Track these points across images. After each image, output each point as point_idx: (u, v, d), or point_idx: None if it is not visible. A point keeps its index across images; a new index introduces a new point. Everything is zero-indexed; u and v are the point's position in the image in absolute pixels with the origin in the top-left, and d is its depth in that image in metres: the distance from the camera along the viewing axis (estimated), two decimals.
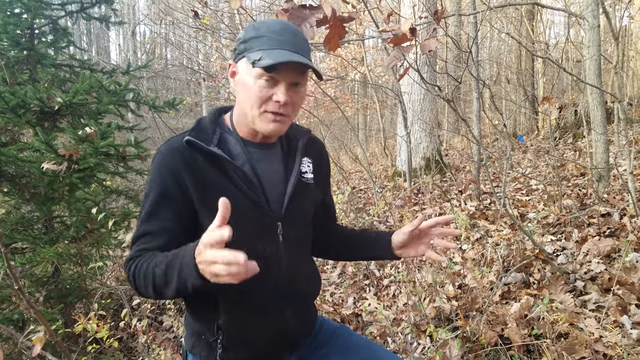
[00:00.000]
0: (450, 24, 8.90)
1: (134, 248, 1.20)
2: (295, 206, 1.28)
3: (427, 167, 6.92)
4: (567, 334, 2.32)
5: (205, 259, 0.93)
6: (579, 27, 9.49)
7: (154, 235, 1.18)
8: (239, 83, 1.20)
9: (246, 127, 1.25)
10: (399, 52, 1.60)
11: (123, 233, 3.84)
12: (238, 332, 1.23)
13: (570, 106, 8.46)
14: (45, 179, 3.22)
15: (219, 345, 1.23)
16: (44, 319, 1.90)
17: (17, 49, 3.77)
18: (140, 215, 1.21)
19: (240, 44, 1.18)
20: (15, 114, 3.30)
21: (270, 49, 1.12)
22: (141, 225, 1.20)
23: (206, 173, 1.18)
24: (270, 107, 1.17)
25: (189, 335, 1.31)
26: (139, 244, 1.19)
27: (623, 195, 3.80)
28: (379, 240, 1.44)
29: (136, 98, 4.08)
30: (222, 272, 0.91)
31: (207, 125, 1.25)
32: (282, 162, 1.31)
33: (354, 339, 1.45)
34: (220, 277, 0.93)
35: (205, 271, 0.95)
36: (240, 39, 1.18)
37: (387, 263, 3.98)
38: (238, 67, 1.20)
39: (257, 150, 1.27)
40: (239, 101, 1.22)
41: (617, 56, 3.68)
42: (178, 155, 1.18)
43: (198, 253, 0.96)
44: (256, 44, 1.14)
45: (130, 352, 3.70)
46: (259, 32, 1.15)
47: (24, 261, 3.03)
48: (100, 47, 23.60)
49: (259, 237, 1.22)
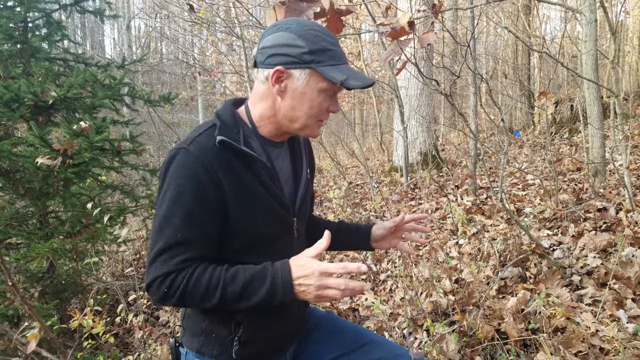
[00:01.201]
0: (447, 18, 8.88)
1: (170, 260, 1.11)
2: (305, 203, 1.35)
3: (424, 162, 6.91)
4: (564, 328, 2.33)
5: (322, 283, 1.07)
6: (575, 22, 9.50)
7: (194, 243, 1.14)
8: (292, 91, 1.18)
9: (276, 128, 1.25)
10: (396, 46, 1.59)
11: (119, 228, 3.82)
12: (256, 327, 1.25)
13: (566, 101, 8.47)
14: (39, 173, 3.19)
15: (235, 342, 1.23)
16: (38, 315, 1.89)
17: (11, 43, 3.74)
18: (165, 220, 1.13)
19: (303, 54, 1.14)
20: (9, 108, 3.27)
21: (341, 64, 1.17)
22: (175, 233, 1.12)
23: (239, 173, 1.17)
24: (324, 116, 1.22)
25: (193, 335, 1.29)
26: (177, 253, 1.12)
27: (619, 190, 3.80)
28: (359, 232, 1.52)
29: (131, 92, 4.05)
30: (336, 295, 1.07)
31: (231, 122, 1.22)
32: (289, 160, 1.34)
33: (342, 323, 1.52)
34: (327, 298, 1.09)
35: (308, 292, 1.09)
36: (301, 47, 1.14)
37: (384, 258, 3.98)
38: (294, 75, 1.16)
39: (273, 149, 1.28)
40: (286, 107, 1.20)
41: (614, 51, 3.68)
42: (212, 154, 1.14)
43: (303, 275, 1.09)
44: (326, 58, 1.15)
45: (127, 348, 3.69)
46: (323, 44, 1.16)
47: (19, 257, 3.01)
48: (95, 41, 23.46)
49: (281, 233, 1.28)
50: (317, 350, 1.43)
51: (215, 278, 1.11)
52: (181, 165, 1.13)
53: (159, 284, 1.11)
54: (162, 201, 1.14)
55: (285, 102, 1.19)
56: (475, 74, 4.12)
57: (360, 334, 1.47)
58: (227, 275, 1.12)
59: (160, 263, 1.11)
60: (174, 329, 3.51)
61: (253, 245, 1.22)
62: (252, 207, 1.19)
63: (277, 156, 1.29)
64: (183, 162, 1.13)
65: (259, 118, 1.24)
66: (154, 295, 1.13)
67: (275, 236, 1.26)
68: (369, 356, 1.40)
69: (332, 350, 1.42)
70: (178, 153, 1.14)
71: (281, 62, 1.15)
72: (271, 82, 1.17)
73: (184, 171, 1.12)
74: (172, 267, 1.11)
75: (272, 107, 1.21)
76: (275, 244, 1.25)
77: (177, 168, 1.13)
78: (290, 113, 1.20)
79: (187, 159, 1.13)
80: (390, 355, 1.39)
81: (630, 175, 3.40)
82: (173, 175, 1.13)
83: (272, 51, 1.16)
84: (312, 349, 1.44)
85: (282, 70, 1.15)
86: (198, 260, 1.14)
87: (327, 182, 7.63)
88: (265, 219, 1.22)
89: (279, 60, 1.15)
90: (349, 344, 1.43)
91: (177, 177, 1.12)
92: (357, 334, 1.46)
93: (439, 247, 3.70)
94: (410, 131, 6.76)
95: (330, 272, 1.07)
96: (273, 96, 1.20)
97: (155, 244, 1.12)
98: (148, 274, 1.13)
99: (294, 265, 1.12)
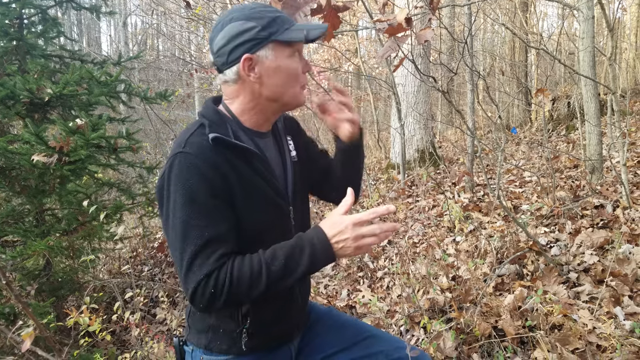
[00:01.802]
0: (444, 15, 8.86)
1: (207, 260, 1.08)
2: (297, 189, 1.35)
3: (421, 159, 6.91)
4: (561, 325, 2.33)
5: (358, 233, 1.10)
6: (572, 19, 9.50)
7: (224, 237, 1.13)
8: (266, 71, 1.18)
9: (262, 116, 1.26)
10: (394, 43, 1.58)
11: (115, 226, 3.81)
12: (262, 318, 1.26)
13: (563, 98, 8.47)
14: (35, 171, 3.18)
15: (244, 335, 1.24)
16: (34, 313, 1.88)
17: (6, 39, 3.72)
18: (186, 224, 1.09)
19: (259, 32, 1.15)
20: (5, 105, 3.25)
21: (293, 25, 1.19)
22: (202, 233, 1.09)
23: (238, 167, 1.18)
24: (303, 79, 1.24)
25: (199, 332, 1.29)
26: (212, 251, 1.10)
27: (616, 187, 3.81)
28: (335, 150, 1.48)
29: (127, 89, 4.04)
30: (375, 241, 1.12)
31: (217, 119, 1.22)
32: (276, 149, 1.35)
33: (342, 318, 1.53)
34: (365, 247, 1.12)
35: (347, 246, 1.11)
36: (254, 28, 1.15)
37: (381, 255, 3.98)
38: (262, 56, 1.17)
39: (260, 139, 1.28)
40: (268, 88, 1.20)
41: (611, 48, 3.68)
42: (211, 151, 1.14)
43: (338, 232, 1.11)
44: (279, 26, 1.17)
45: (123, 345, 3.68)
46: (270, 15, 1.17)
47: (15, 254, 3.00)
48: (91, 37, 23.36)
49: (280, 222, 1.28)
50: (319, 344, 1.44)
51: (256, 262, 1.10)
52: (183, 167, 1.11)
53: (204, 288, 1.08)
54: (174, 210, 1.11)
55: (265, 85, 1.19)
56: (472, 71, 4.11)
57: (360, 328, 1.48)
58: (266, 257, 1.12)
59: (198, 267, 1.09)
60: (171, 327, 3.50)
61: (253, 236, 1.21)
62: (253, 198, 1.20)
63: (265, 146, 1.29)
64: (184, 164, 1.12)
65: (240, 113, 1.25)
66: (200, 303, 1.10)
67: (275, 226, 1.26)
68: (370, 350, 1.41)
69: (334, 345, 1.43)
70: (175, 159, 1.13)
71: (244, 51, 1.16)
72: (245, 73, 1.17)
73: (189, 172, 1.11)
74: (212, 266, 1.08)
75: (252, 98, 1.22)
76: (275, 235, 1.24)
77: (180, 171, 1.11)
78: (274, 91, 1.21)
79: (186, 160, 1.12)
80: (391, 348, 1.40)
81: (627, 173, 3.41)
82: (178, 180, 1.11)
83: (231, 46, 1.16)
84: (314, 343, 1.44)
85: (249, 57, 1.16)
86: (232, 253, 1.13)
87: None
88: (265, 209, 1.23)
89: (241, 50, 1.16)
90: (350, 338, 1.44)
91: (184, 180, 1.11)
92: (358, 328, 1.47)
93: (436, 245, 3.71)
94: (407, 128, 6.75)
95: (362, 220, 1.10)
96: (250, 86, 1.20)
97: (185, 252, 1.09)
98: (188, 283, 1.09)
99: (326, 226, 1.14)
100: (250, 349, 1.26)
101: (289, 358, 1.39)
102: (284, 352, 1.37)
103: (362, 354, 1.41)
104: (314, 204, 6.05)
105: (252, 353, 1.28)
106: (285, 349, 1.37)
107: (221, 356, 1.28)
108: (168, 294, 4.09)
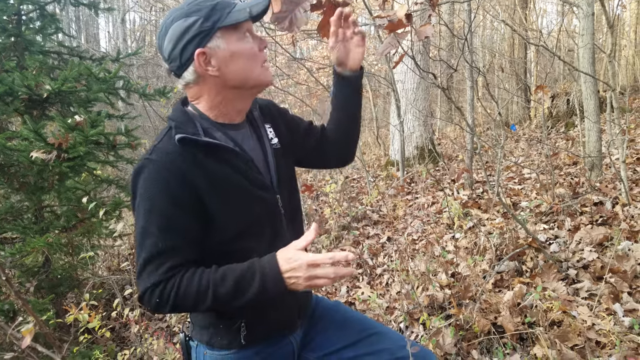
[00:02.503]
0: (444, 11, 8.85)
1: (155, 271, 1.11)
2: (282, 176, 1.33)
3: (420, 156, 6.91)
4: (560, 321, 2.33)
5: (311, 274, 1.09)
6: (572, 16, 9.48)
7: (177, 249, 1.13)
8: (223, 60, 1.17)
9: (232, 107, 1.25)
10: (393, 39, 1.58)
11: (114, 222, 3.81)
12: (259, 310, 1.26)
13: (562, 95, 8.47)
14: (34, 168, 3.18)
15: (242, 328, 1.25)
16: (34, 309, 1.88)
17: (4, 36, 3.71)
18: (144, 232, 1.12)
19: (202, 24, 1.14)
20: (3, 102, 3.25)
21: (233, 7, 1.17)
22: (156, 242, 1.11)
23: (208, 167, 1.16)
24: (262, 56, 1.23)
25: (202, 328, 1.30)
26: (161, 262, 1.11)
27: (615, 184, 3.81)
28: (335, 85, 1.46)
29: (126, 86, 4.03)
30: (326, 283, 1.11)
31: (185, 120, 1.20)
32: (255, 137, 1.33)
33: (350, 313, 1.52)
34: (317, 287, 1.13)
35: (298, 283, 1.10)
36: (196, 22, 1.14)
37: (380, 252, 3.98)
38: (213, 46, 1.16)
39: (235, 132, 1.27)
40: (231, 77, 1.19)
41: (610, 44, 3.67)
42: (176, 157, 1.13)
43: (291, 269, 1.10)
44: (220, 12, 1.16)
45: (123, 342, 3.69)
46: (208, 4, 1.16)
47: (14, 251, 3.00)
48: (90, 34, 23.29)
49: (268, 213, 1.27)
50: (324, 340, 1.44)
51: (204, 281, 1.11)
52: (147, 176, 1.12)
53: (150, 296, 1.11)
54: (137, 214, 1.13)
55: (226, 74, 1.18)
56: (472, 67, 4.11)
57: (366, 325, 1.47)
58: (215, 276, 1.12)
59: (147, 275, 1.11)
60: (170, 324, 3.51)
61: (243, 231, 1.21)
62: (230, 199, 1.18)
63: (242, 138, 1.27)
64: (149, 173, 1.12)
65: (209, 109, 1.24)
66: (147, 306, 1.14)
67: (261, 219, 1.25)
68: (375, 347, 1.41)
69: (339, 341, 1.43)
70: (143, 165, 1.13)
71: (195, 47, 1.15)
72: (203, 68, 1.16)
73: (152, 182, 1.12)
74: (159, 277, 1.10)
75: (217, 92, 1.21)
76: (264, 227, 1.25)
77: (145, 179, 1.12)
78: (237, 78, 1.19)
79: (152, 168, 1.12)
80: (396, 347, 1.40)
81: (626, 169, 3.41)
82: (142, 187, 1.12)
83: (180, 47, 1.15)
84: (318, 339, 1.44)
85: (201, 51, 1.15)
86: (184, 265, 1.14)
87: (323, 177, 7.62)
88: (247, 206, 1.22)
89: (191, 48, 1.15)
90: (355, 335, 1.43)
91: (147, 188, 1.12)
92: (364, 325, 1.47)
93: (435, 241, 3.71)
94: (406, 125, 6.75)
95: (318, 263, 1.09)
96: (212, 81, 1.19)
97: (139, 256, 1.12)
98: (139, 286, 1.13)
99: (281, 259, 1.12)
100: (250, 342, 1.27)
101: (291, 351, 1.38)
102: (285, 345, 1.36)
103: (366, 350, 1.40)
104: (313, 201, 6.05)
105: (253, 346, 1.29)
106: (287, 343, 1.36)
107: (223, 351, 1.28)
108: None
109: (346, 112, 1.48)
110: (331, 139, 1.50)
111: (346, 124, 1.50)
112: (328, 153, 1.52)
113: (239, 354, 1.28)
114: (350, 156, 1.59)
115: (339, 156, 1.56)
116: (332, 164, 1.62)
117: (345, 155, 1.57)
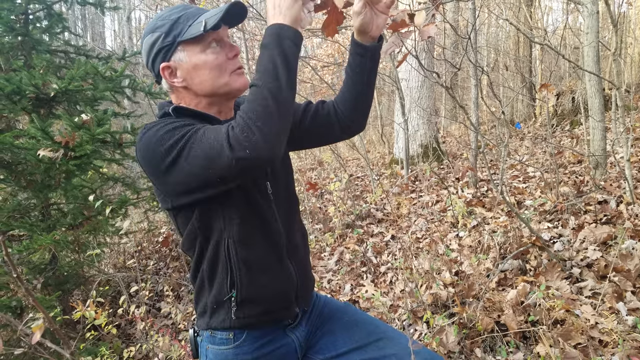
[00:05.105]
0: (448, 10, 8.83)
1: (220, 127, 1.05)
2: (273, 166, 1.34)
3: (425, 154, 6.91)
4: (563, 320, 2.34)
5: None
6: (577, 14, 9.43)
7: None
8: (188, 72, 1.21)
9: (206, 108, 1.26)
10: (397, 38, 1.59)
11: (120, 220, 3.84)
12: (249, 287, 1.26)
13: (567, 93, 8.45)
14: (41, 166, 3.20)
15: (233, 304, 1.25)
16: (42, 306, 1.91)
17: (12, 35, 3.74)
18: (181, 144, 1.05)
19: (164, 39, 1.18)
20: (11, 100, 3.27)
21: (197, 18, 1.18)
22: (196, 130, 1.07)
23: None
24: (232, 65, 1.23)
25: (202, 313, 1.31)
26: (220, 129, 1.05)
27: (620, 183, 3.80)
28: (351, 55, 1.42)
29: (132, 84, 4.05)
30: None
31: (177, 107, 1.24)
32: None
33: (359, 315, 1.50)
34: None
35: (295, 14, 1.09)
36: (159, 37, 1.18)
37: (384, 250, 3.99)
38: (176, 60, 1.20)
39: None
40: (199, 87, 1.22)
41: (615, 43, 3.66)
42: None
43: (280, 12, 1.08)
44: (181, 26, 1.18)
45: (129, 339, 3.72)
46: (172, 18, 1.19)
47: (21, 248, 3.03)
48: (96, 32, 23.35)
49: (258, 199, 1.27)
50: (331, 341, 1.42)
51: (251, 91, 1.07)
52: (153, 127, 1.12)
53: (237, 131, 1.01)
54: (172, 145, 1.06)
55: (193, 85, 1.22)
56: (476, 66, 4.11)
57: (375, 328, 1.45)
58: (256, 81, 1.07)
59: (216, 134, 1.04)
60: (175, 321, 3.53)
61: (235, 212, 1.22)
62: None
63: None
64: (154, 125, 1.13)
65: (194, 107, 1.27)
66: (240, 150, 0.99)
67: (253, 202, 1.25)
68: (383, 352, 1.38)
69: (346, 343, 1.41)
70: (146, 128, 1.13)
71: (160, 61, 1.20)
72: (169, 80, 1.22)
73: (160, 125, 1.11)
74: (229, 126, 1.04)
75: (192, 98, 1.25)
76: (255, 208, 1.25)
77: (155, 130, 1.10)
78: (204, 88, 1.22)
79: (154, 124, 1.14)
80: (404, 353, 1.36)
81: (631, 168, 3.40)
82: (154, 136, 1.09)
83: (150, 60, 1.22)
84: (325, 340, 1.43)
85: (165, 65, 1.20)
86: None
87: (327, 175, 7.64)
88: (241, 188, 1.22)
89: (158, 62, 1.21)
90: (363, 338, 1.41)
91: (158, 130, 1.10)
92: (373, 328, 1.44)
93: (439, 240, 3.72)
94: (411, 123, 6.75)
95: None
96: (183, 91, 1.24)
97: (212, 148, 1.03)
98: (230, 149, 1.00)
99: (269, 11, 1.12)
100: (241, 319, 1.26)
101: (294, 350, 1.37)
102: (286, 342, 1.35)
103: (374, 355, 1.38)
104: (317, 199, 6.07)
105: (249, 331, 1.28)
106: (288, 340, 1.35)
107: (222, 346, 1.29)
108: (173, 288, 4.12)
109: (361, 78, 1.42)
110: (342, 105, 1.46)
111: (360, 87, 1.43)
112: (336, 123, 1.46)
113: (237, 350, 1.28)
114: (362, 124, 1.52)
115: (347, 124, 1.47)
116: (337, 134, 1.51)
117: (355, 122, 1.49)
